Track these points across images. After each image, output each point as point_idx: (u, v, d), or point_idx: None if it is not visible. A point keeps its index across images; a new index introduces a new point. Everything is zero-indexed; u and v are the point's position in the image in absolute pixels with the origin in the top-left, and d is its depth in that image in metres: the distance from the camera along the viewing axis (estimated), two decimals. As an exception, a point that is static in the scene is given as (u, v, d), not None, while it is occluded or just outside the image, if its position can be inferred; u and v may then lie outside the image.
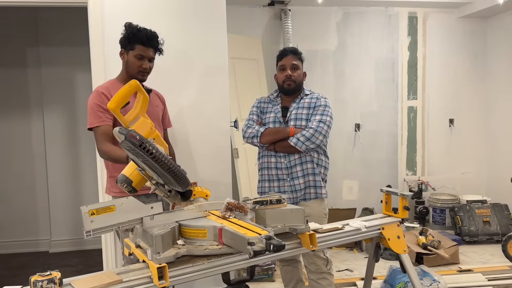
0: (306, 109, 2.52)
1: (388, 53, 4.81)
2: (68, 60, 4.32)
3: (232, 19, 3.26)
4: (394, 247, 1.94)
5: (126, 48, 2.26)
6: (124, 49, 2.27)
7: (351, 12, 4.69)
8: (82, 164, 4.45)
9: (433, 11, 4.83)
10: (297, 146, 2.42)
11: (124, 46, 2.27)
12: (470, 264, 3.67)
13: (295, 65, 2.53)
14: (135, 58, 2.25)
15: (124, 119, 1.48)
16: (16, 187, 4.41)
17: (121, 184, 1.50)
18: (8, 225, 4.39)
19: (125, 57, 2.28)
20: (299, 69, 2.55)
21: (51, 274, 1.23)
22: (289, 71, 2.52)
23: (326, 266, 2.50)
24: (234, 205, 1.55)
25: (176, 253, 1.36)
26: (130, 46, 2.25)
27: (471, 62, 4.98)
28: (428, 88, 4.91)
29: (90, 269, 3.65)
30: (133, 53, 2.25)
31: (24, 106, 4.39)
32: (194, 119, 2.99)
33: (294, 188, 2.49)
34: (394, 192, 2.06)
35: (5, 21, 4.26)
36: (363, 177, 4.82)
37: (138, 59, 2.25)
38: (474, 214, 4.30)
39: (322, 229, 1.76)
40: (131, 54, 2.25)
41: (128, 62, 2.27)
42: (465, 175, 5.03)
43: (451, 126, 5.00)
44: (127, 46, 2.25)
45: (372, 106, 4.82)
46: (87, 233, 1.36)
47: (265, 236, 1.28)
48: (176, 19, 2.92)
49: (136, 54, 2.24)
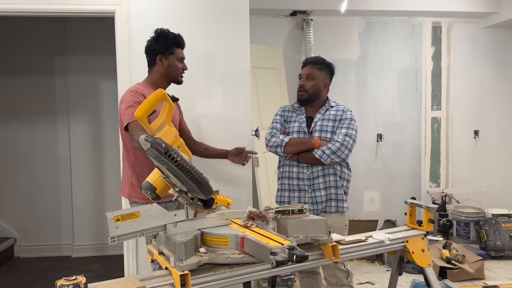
0: (331, 121, 2.50)
1: (412, 63, 4.76)
2: (94, 68, 4.43)
3: (254, 29, 3.28)
4: (418, 261, 1.90)
5: (164, 53, 2.31)
6: (162, 55, 2.31)
7: (373, 21, 4.67)
8: (106, 171, 4.53)
9: (458, 21, 4.77)
10: (322, 158, 2.40)
11: (161, 52, 2.31)
12: (496, 280, 3.56)
13: (310, 75, 2.53)
14: (178, 61, 2.35)
15: (150, 127, 1.50)
16: (41, 192, 4.51)
17: (145, 191, 1.52)
18: (32, 229, 4.49)
19: (164, 62, 2.32)
20: (314, 79, 2.53)
21: (76, 278, 1.25)
22: (303, 80, 2.54)
23: (347, 279, 2.46)
24: (256, 214, 1.55)
25: (199, 261, 1.36)
26: (170, 51, 2.31)
27: (497, 72, 4.88)
28: (453, 98, 4.83)
29: (111, 275, 3.72)
30: (174, 57, 2.33)
31: (51, 113, 4.51)
32: (215, 126, 3.00)
33: (315, 200, 2.47)
34: (418, 204, 2.02)
35: (34, 31, 4.41)
36: (385, 189, 4.76)
37: (180, 62, 2.36)
38: (500, 228, 4.18)
39: (345, 240, 1.74)
40: (172, 58, 2.32)
41: (170, 66, 2.33)
42: (490, 188, 4.91)
43: (476, 137, 4.90)
44: (166, 51, 2.31)
45: (395, 117, 4.77)
46: (112, 239, 1.38)
47: (287, 246, 1.27)
48: (201, 25, 2.96)
49: (178, 57, 2.35)
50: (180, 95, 2.50)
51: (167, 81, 2.37)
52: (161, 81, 2.34)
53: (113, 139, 4.38)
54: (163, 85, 2.31)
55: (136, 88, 2.26)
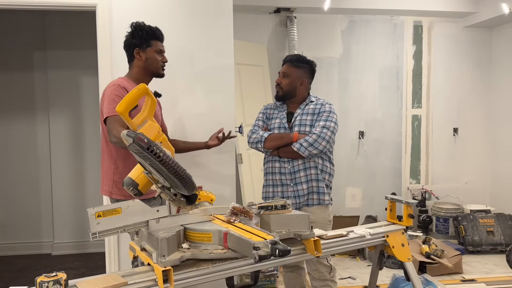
0: (310, 115, 2.53)
1: (393, 62, 4.82)
2: (74, 63, 4.36)
3: (238, 26, 3.27)
4: (398, 255, 1.94)
5: (141, 46, 2.27)
6: (139, 48, 2.27)
7: (356, 20, 4.71)
8: (86, 168, 4.47)
9: (439, 20, 4.85)
10: (300, 151, 2.43)
11: (138, 45, 2.27)
12: (473, 274, 3.65)
13: (285, 73, 2.58)
14: (156, 54, 2.30)
15: (132, 122, 1.49)
16: (20, 189, 4.42)
17: (127, 187, 1.51)
18: (11, 227, 4.40)
19: (142, 55, 2.28)
20: (289, 77, 2.57)
21: (57, 275, 1.23)
22: (279, 79, 2.61)
23: (330, 274, 2.49)
24: (239, 209, 1.56)
25: (181, 257, 1.36)
26: (147, 44, 2.27)
27: (476, 71, 4.99)
28: (433, 96, 4.92)
29: (92, 272, 3.65)
30: (152, 49, 2.28)
31: (30, 108, 4.42)
32: (198, 122, 2.98)
33: (297, 194, 2.49)
34: (399, 199, 2.06)
35: (13, 25, 4.31)
36: (367, 185, 4.82)
37: (159, 54, 2.31)
38: (477, 224, 4.28)
39: (327, 235, 1.76)
40: (150, 50, 2.28)
41: (148, 59, 2.28)
42: (469, 184, 5.02)
43: (455, 135, 5.00)
44: (143, 44, 2.27)
45: (376, 114, 4.83)
46: (93, 235, 1.37)
47: (270, 241, 1.29)
48: (184, 20, 2.93)
49: (156, 49, 2.29)
50: (162, 92, 2.48)
51: (148, 75, 2.33)
52: (141, 75, 2.30)
53: (94, 136, 4.33)
54: (144, 80, 2.27)
55: (118, 82, 2.22)
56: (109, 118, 2.08)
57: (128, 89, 2.15)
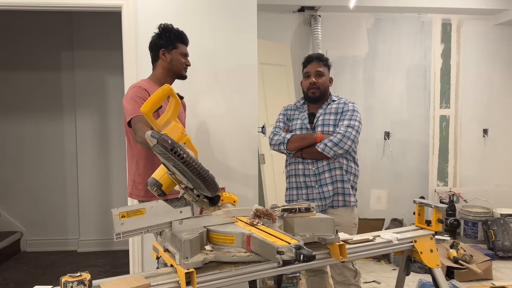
0: (333, 115, 2.47)
1: (420, 60, 4.71)
2: (101, 63, 4.43)
3: (261, 25, 3.25)
4: (426, 261, 1.87)
5: (167, 47, 2.30)
6: (165, 49, 2.30)
7: (382, 18, 4.62)
8: (112, 166, 4.54)
9: (468, 18, 4.70)
10: (325, 151, 2.37)
11: (164, 46, 2.30)
12: (504, 281, 3.52)
13: (320, 72, 2.49)
14: (181, 56, 2.33)
15: (156, 123, 1.49)
16: (47, 187, 4.53)
17: (151, 187, 1.51)
18: (39, 224, 4.51)
19: (167, 56, 2.30)
20: (323, 75, 2.51)
21: (81, 275, 1.24)
22: (314, 78, 2.49)
23: (355, 278, 2.43)
24: (263, 212, 1.53)
25: (204, 259, 1.35)
26: (173, 45, 2.31)
27: (507, 70, 4.82)
28: (462, 96, 4.78)
29: (116, 270, 3.73)
30: (177, 51, 2.32)
31: (57, 108, 4.51)
32: (221, 122, 2.98)
33: (323, 196, 2.44)
34: (428, 204, 1.99)
35: (41, 25, 4.41)
36: (392, 187, 4.72)
37: (183, 57, 2.35)
38: (508, 228, 4.13)
39: (352, 240, 1.71)
40: (175, 52, 2.31)
41: (172, 60, 2.32)
42: (499, 187, 4.85)
43: (485, 136, 4.84)
44: (169, 46, 2.30)
45: (402, 114, 4.72)
46: (117, 235, 1.37)
47: (294, 245, 1.25)
48: (208, 21, 2.93)
49: (181, 52, 2.34)
50: (185, 92, 2.49)
51: (171, 76, 2.35)
52: (164, 76, 2.33)
53: (119, 135, 4.38)
54: (167, 81, 2.29)
55: (139, 84, 2.25)
56: (134, 119, 2.09)
57: (148, 90, 2.17)
